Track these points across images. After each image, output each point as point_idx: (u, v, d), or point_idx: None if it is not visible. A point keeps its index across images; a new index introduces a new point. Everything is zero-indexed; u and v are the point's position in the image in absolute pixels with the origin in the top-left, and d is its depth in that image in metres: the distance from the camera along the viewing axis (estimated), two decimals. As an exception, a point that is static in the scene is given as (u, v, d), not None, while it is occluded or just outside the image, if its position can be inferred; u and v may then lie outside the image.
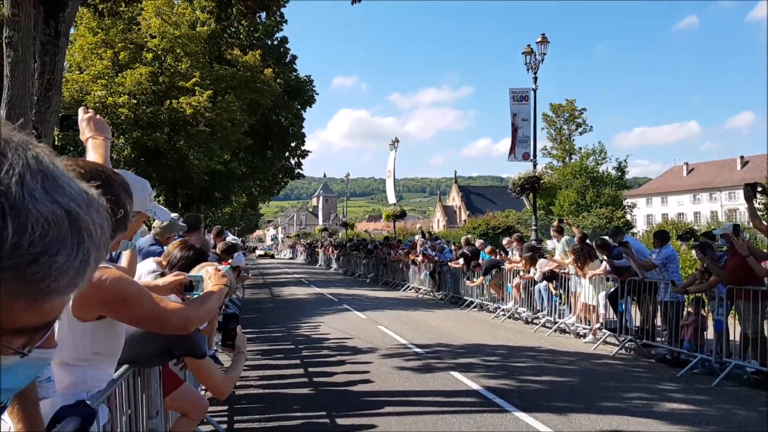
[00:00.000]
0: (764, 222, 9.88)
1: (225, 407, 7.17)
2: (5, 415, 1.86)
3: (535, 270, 13.34)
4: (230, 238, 15.93)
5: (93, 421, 2.26)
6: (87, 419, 2.22)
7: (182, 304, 2.92)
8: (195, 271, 3.35)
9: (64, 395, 2.35)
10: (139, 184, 3.13)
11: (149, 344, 3.46)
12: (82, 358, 2.46)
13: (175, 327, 2.65)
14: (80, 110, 2.71)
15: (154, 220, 5.04)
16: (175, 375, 4.47)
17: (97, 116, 2.70)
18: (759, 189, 8.63)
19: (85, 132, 2.66)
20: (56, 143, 16.11)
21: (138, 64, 19.83)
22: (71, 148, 17.97)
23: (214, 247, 10.48)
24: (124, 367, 3.08)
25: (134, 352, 3.19)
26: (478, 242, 18.41)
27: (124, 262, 3.53)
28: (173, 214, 7.82)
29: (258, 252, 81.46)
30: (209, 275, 3.11)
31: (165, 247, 5.99)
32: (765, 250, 12.44)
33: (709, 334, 9.32)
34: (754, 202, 8.66)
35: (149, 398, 3.73)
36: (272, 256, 78.52)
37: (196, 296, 3.09)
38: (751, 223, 9.17)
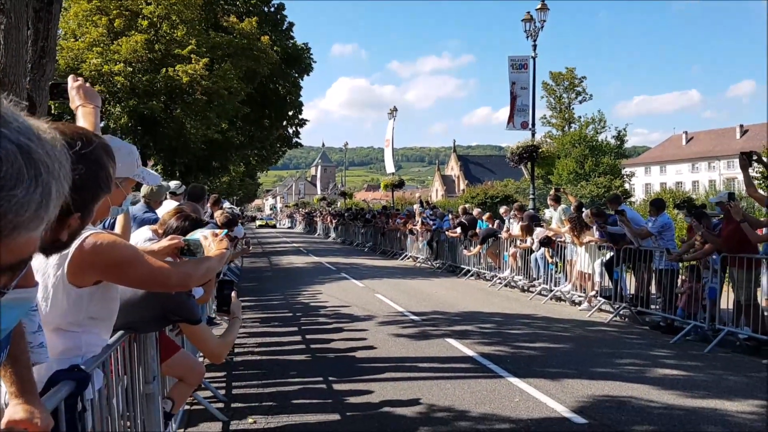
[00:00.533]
0: (760, 191, 9.88)
1: (223, 373, 7.25)
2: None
3: (532, 239, 13.39)
4: (227, 205, 15.94)
5: (87, 385, 2.30)
6: (81, 383, 2.26)
7: (182, 262, 2.94)
8: (191, 235, 3.33)
9: (58, 360, 2.39)
10: (126, 150, 3.12)
11: (144, 311, 3.49)
12: (77, 323, 2.49)
13: (175, 285, 2.69)
14: (69, 78, 2.69)
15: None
16: (172, 341, 4.51)
17: (87, 84, 2.68)
18: (755, 158, 8.64)
19: (74, 100, 2.65)
20: (53, 111, 16.01)
21: (133, 32, 19.60)
22: (68, 117, 17.87)
23: (212, 216, 10.50)
24: (120, 332, 3.11)
25: (129, 318, 3.22)
26: (475, 211, 18.42)
27: (117, 228, 3.55)
28: (174, 183, 7.83)
29: (258, 222, 74.52)
30: (207, 239, 3.10)
31: (157, 212, 6.02)
32: (762, 219, 12.50)
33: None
34: (749, 170, 8.68)
35: (146, 364, 3.77)
36: (274, 226, 71.90)
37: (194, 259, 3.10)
38: (746, 192, 9.20)
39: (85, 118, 2.60)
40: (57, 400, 2.11)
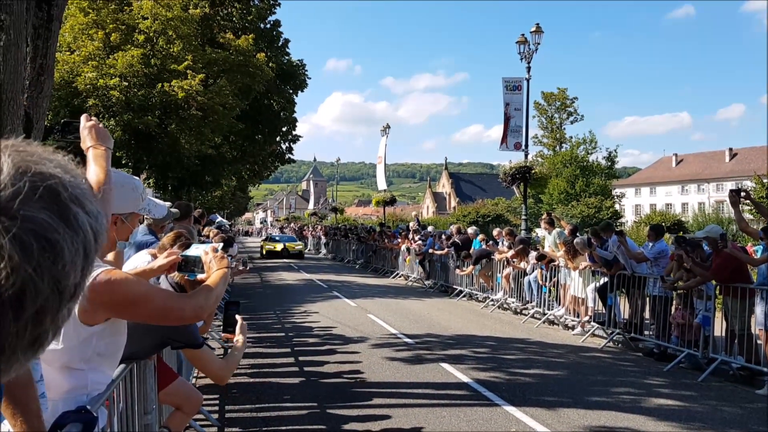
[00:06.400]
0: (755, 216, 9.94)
1: (216, 396, 7.19)
2: (8, 426, 1.86)
3: (527, 263, 13.41)
4: (219, 220, 15.86)
5: (94, 428, 2.26)
6: (88, 426, 2.22)
7: (192, 293, 2.89)
8: (191, 251, 3.24)
9: (64, 400, 2.35)
10: (130, 185, 3.10)
11: (147, 340, 3.46)
12: (84, 360, 2.46)
13: (189, 318, 2.66)
14: (83, 117, 2.64)
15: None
16: (170, 369, 4.48)
17: (100, 125, 2.64)
18: (743, 194, 8.72)
19: (86, 141, 2.58)
20: (47, 124, 15.91)
21: (129, 46, 19.54)
22: (58, 127, 17.74)
23: (200, 233, 10.43)
24: (121, 366, 3.07)
25: (132, 349, 3.18)
26: (470, 230, 18.36)
27: (110, 255, 3.51)
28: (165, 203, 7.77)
29: (265, 245, 37.80)
30: (208, 255, 3.02)
31: (158, 237, 5.96)
32: (749, 245, 12.61)
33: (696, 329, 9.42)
34: (740, 206, 8.73)
35: (144, 394, 3.73)
36: (300, 255, 35.52)
37: (193, 277, 3.05)
38: (739, 227, 9.31)
39: (96, 161, 2.54)
40: (65, 445, 2.07)
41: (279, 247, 35.65)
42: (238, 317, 4.02)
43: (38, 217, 0.65)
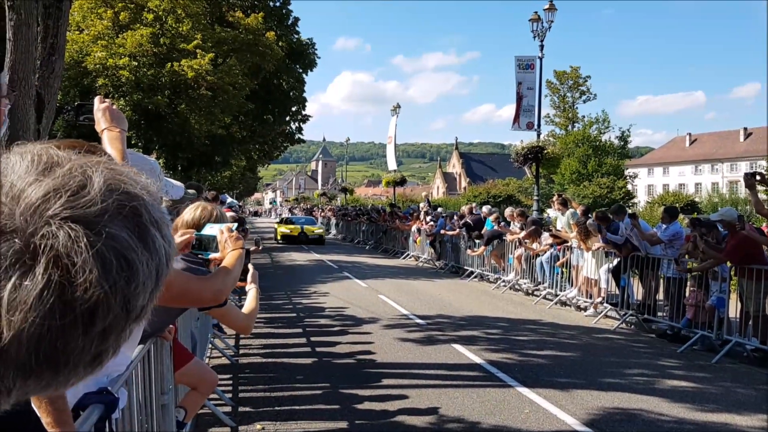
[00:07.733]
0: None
1: (230, 376, 7.23)
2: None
3: (539, 244, 13.35)
4: (229, 201, 15.86)
5: (116, 408, 2.27)
6: (110, 406, 2.22)
7: (211, 276, 2.90)
8: (206, 230, 3.24)
9: (85, 381, 2.35)
10: (147, 166, 3.09)
11: (174, 311, 3.46)
12: (104, 342, 2.45)
13: (209, 300, 2.72)
14: (96, 99, 2.60)
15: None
16: (185, 350, 4.49)
17: (114, 106, 2.59)
18: (758, 178, 8.55)
19: (100, 123, 2.52)
20: (57, 104, 15.90)
21: (138, 25, 19.53)
22: (68, 107, 17.76)
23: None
24: (139, 347, 3.08)
25: (160, 326, 3.21)
26: (485, 208, 18.24)
27: None
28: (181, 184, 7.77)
29: (280, 228, 33.01)
30: (224, 235, 3.03)
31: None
32: (764, 226, 12.49)
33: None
34: (757, 189, 8.55)
35: (161, 374, 3.74)
36: (320, 240, 31.34)
37: (207, 255, 3.05)
38: (755, 210, 9.20)
39: (111, 144, 2.50)
40: (89, 426, 2.07)
41: (296, 230, 31.52)
42: (249, 266, 4.05)
43: (120, 236, 0.65)
